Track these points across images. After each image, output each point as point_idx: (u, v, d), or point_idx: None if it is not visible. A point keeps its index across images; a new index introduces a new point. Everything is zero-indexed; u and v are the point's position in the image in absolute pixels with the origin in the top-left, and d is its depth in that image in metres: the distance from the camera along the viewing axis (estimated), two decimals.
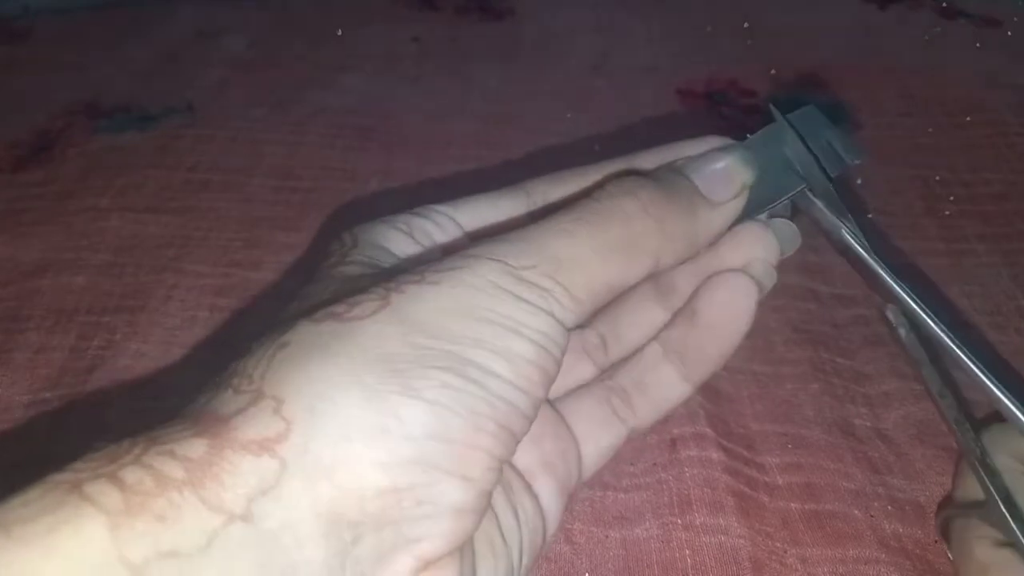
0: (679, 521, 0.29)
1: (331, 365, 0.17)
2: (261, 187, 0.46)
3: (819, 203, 0.23)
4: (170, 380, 0.35)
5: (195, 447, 0.15)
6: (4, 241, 0.42)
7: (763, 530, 0.29)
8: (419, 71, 0.58)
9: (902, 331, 0.24)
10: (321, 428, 0.16)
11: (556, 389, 0.26)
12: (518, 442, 0.18)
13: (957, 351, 0.23)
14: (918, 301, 0.23)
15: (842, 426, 0.33)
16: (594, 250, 0.19)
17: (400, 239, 0.23)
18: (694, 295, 0.24)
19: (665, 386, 0.25)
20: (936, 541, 0.29)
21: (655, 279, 0.25)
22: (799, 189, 0.23)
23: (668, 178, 0.22)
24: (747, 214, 0.23)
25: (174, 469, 0.15)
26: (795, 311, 0.38)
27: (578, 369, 0.26)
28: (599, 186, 0.21)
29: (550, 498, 0.23)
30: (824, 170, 0.23)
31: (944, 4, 0.64)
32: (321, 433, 0.16)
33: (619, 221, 0.20)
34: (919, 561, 0.28)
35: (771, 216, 0.24)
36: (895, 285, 0.23)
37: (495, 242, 0.19)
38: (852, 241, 0.23)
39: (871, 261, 0.23)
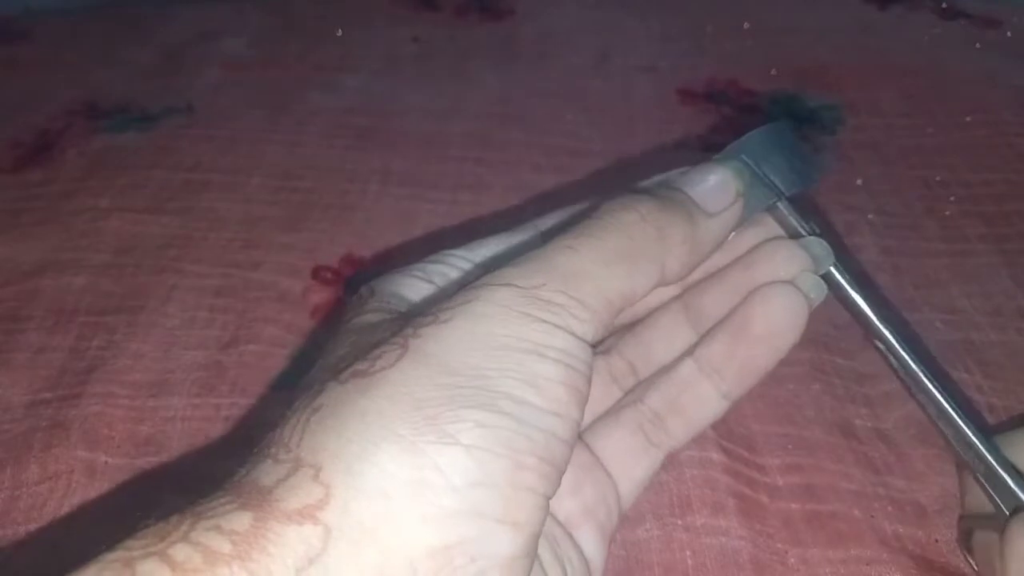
0: (680, 522, 0.29)
1: (363, 423, 0.16)
2: (261, 187, 0.46)
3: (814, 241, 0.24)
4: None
5: (240, 520, 0.15)
6: (4, 241, 0.42)
7: (764, 531, 0.29)
8: (419, 71, 0.58)
9: (893, 360, 0.24)
10: (359, 488, 0.16)
11: (585, 417, 0.26)
12: (561, 473, 0.18)
13: (933, 390, 0.24)
14: (897, 336, 0.24)
15: (842, 426, 0.33)
16: (599, 261, 0.19)
17: (417, 285, 0.23)
18: (743, 307, 0.24)
19: (703, 404, 0.25)
20: (936, 540, 0.29)
21: (685, 304, 0.25)
22: (767, 206, 0.24)
23: (663, 191, 0.22)
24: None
25: (222, 543, 0.15)
26: None
27: (608, 398, 0.26)
28: (595, 206, 0.21)
29: (593, 546, 0.23)
30: (780, 190, 0.23)
31: (944, 4, 0.64)
32: (360, 493, 0.16)
33: (619, 232, 0.20)
34: (920, 561, 0.28)
35: (795, 234, 0.24)
36: (879, 325, 0.24)
37: (502, 269, 0.19)
38: (840, 278, 0.24)
39: (855, 297, 0.24)
